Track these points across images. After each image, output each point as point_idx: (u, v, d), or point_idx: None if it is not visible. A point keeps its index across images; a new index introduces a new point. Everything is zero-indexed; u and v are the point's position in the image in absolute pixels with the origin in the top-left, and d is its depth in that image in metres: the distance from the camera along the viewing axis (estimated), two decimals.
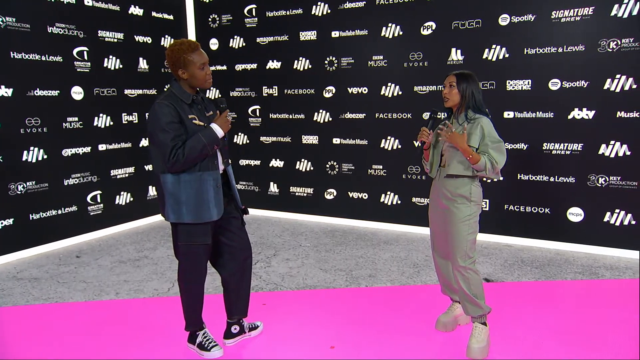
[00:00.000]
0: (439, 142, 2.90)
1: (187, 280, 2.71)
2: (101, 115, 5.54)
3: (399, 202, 5.55)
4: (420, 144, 2.88)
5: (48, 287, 4.01)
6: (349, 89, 5.66)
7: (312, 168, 6.07)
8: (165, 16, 6.29)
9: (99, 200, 5.55)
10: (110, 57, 5.61)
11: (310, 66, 5.87)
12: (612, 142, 4.49)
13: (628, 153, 4.44)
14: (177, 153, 2.44)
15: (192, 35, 6.62)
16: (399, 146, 5.46)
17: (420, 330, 3.11)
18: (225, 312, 2.97)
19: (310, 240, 5.20)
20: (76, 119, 5.28)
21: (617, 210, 4.54)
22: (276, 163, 6.29)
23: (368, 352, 2.86)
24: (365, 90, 5.57)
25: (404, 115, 5.38)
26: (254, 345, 2.97)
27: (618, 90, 4.40)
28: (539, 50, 4.66)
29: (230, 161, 2.84)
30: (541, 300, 3.54)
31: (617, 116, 4.43)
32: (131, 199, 5.94)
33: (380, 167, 5.61)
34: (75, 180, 5.30)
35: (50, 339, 3.09)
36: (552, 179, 4.76)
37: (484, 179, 2.87)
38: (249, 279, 2.96)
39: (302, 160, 6.11)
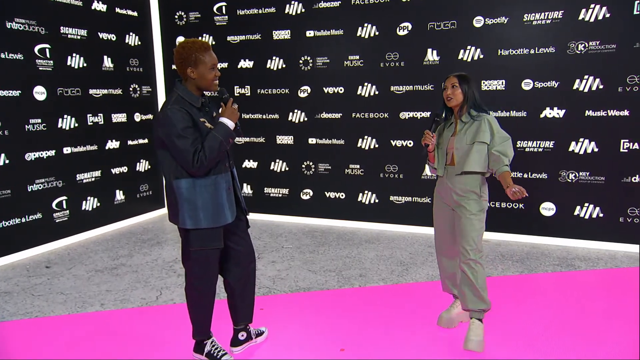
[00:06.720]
0: (442, 142, 2.96)
1: (198, 287, 2.61)
2: (65, 116, 5.23)
3: (376, 201, 5.60)
4: (424, 147, 2.94)
5: (23, 301, 3.74)
6: (324, 88, 5.64)
7: (287, 168, 6.01)
8: (130, 12, 6.03)
9: (64, 206, 5.24)
10: (74, 55, 5.30)
11: (284, 65, 5.81)
12: (581, 139, 4.73)
13: (596, 150, 4.69)
14: (199, 157, 2.38)
15: (157, 33, 6.38)
16: (376, 145, 5.50)
17: (424, 327, 3.15)
18: (231, 319, 2.89)
19: (291, 242, 5.15)
20: (39, 120, 4.96)
21: (586, 204, 4.79)
22: (249, 164, 6.18)
23: (380, 352, 2.87)
24: (341, 90, 5.57)
25: (381, 115, 5.43)
26: (262, 352, 2.90)
27: (586, 90, 4.64)
28: (512, 52, 4.83)
29: (234, 163, 2.77)
30: (532, 293, 3.67)
31: (586, 115, 4.67)
32: (98, 204, 5.65)
33: (358, 166, 5.64)
34: (40, 186, 4.98)
35: (42, 357, 2.88)
36: (525, 175, 4.96)
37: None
38: (254, 284, 2.90)
39: (277, 160, 6.04)
